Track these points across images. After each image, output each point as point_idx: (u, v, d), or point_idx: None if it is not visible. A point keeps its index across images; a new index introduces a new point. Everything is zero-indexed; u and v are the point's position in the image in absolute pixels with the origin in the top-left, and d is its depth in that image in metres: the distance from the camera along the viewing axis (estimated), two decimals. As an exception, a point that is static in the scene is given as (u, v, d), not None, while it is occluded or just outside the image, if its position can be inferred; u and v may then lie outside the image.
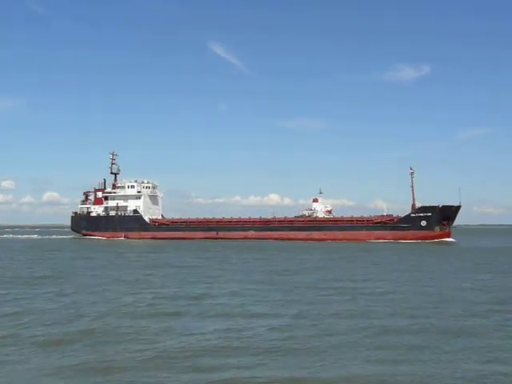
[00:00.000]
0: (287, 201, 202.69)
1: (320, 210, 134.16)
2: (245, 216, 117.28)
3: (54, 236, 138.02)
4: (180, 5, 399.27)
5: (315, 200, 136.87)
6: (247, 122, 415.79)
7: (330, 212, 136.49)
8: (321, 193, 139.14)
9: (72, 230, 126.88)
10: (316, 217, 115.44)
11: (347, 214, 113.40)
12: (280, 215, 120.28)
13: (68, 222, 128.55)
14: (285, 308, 24.29)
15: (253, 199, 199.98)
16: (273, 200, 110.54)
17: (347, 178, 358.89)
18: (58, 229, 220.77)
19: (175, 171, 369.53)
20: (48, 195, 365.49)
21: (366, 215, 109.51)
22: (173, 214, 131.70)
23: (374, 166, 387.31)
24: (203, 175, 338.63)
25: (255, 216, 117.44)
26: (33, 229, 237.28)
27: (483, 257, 60.69)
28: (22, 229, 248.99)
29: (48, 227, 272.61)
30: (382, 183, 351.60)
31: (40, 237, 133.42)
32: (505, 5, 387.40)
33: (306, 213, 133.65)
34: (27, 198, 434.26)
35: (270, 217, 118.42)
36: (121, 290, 30.17)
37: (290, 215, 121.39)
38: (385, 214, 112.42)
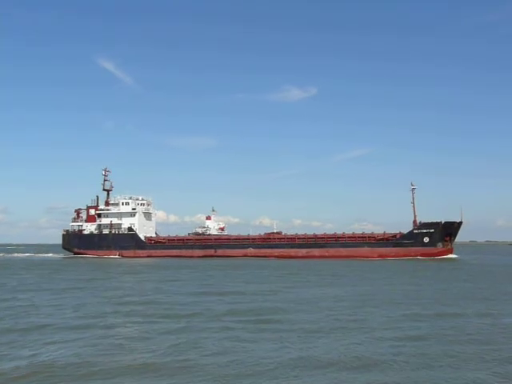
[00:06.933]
0: (173, 218, 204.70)
1: (213, 227, 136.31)
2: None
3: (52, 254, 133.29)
4: (60, 17, 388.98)
5: (208, 217, 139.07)
6: (133, 139, 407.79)
7: (222, 229, 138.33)
8: (213, 210, 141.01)
9: (63, 248, 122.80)
10: (315, 234, 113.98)
11: (235, 232, 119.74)
12: (166, 233, 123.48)
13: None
14: None
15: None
16: (158, 217, 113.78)
17: (232, 195, 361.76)
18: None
19: (60, 188, 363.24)
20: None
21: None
22: (57, 232, 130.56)
23: (252, 182, 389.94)
24: (86, 192, 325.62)
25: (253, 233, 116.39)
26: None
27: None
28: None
29: None
30: (266, 200, 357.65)
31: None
32: (391, 22, 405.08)
33: (200, 230, 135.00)
34: None
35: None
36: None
37: (182, 233, 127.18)
38: (274, 230, 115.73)
